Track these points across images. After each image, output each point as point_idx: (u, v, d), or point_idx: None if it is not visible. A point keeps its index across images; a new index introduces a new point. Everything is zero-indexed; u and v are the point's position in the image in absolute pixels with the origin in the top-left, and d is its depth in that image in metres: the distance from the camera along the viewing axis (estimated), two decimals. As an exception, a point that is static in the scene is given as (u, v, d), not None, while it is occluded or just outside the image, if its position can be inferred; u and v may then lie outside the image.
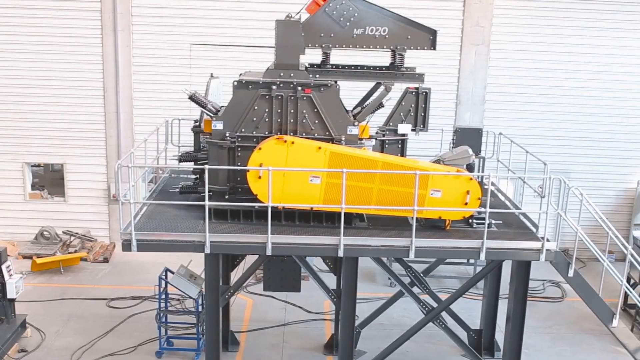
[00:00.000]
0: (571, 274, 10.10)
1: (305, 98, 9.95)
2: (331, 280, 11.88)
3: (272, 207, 9.51)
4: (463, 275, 17.14)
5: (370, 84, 11.12)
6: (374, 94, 11.03)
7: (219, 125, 9.99)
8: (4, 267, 12.78)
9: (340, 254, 9.64)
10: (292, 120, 10.02)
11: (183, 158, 11.32)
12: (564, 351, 13.62)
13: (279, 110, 9.99)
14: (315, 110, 10.00)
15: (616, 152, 18.63)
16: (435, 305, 11.59)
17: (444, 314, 11.55)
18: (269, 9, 16.46)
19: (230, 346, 13.11)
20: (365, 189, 9.74)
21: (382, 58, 10.84)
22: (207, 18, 17.73)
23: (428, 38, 10.23)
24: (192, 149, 11.51)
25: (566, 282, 10.36)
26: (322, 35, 10.04)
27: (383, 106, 10.61)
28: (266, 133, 10.03)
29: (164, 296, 12.76)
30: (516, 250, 9.90)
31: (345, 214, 9.63)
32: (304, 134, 10.04)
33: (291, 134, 10.00)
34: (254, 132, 10.03)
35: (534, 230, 10.43)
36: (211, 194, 9.85)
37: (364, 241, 9.73)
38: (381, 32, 10.09)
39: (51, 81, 17.90)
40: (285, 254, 10.43)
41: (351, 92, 11.55)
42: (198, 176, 11.24)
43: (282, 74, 9.89)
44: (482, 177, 10.55)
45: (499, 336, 12.73)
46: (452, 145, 12.35)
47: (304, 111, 10.00)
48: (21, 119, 18.06)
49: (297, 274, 11.71)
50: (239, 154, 10.04)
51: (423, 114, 10.72)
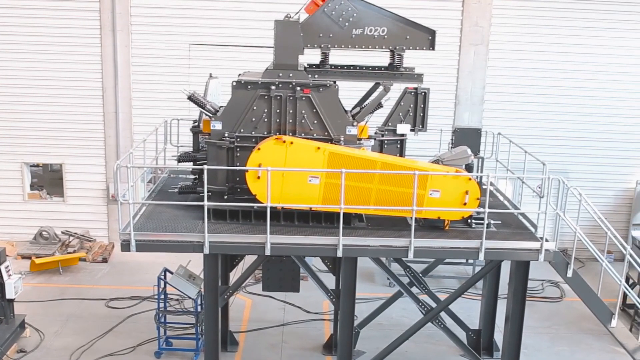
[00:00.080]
0: (570, 274, 10.11)
1: (304, 98, 9.94)
2: (330, 280, 11.86)
3: (271, 208, 9.51)
4: (462, 275, 17.14)
5: (369, 84, 11.11)
6: (372, 94, 11.01)
7: (217, 126, 9.99)
8: (2, 267, 12.76)
9: (339, 254, 9.64)
10: (291, 121, 10.01)
11: (182, 158, 11.32)
12: (562, 351, 13.62)
13: (278, 111, 9.98)
14: (314, 110, 9.99)
15: (615, 152, 18.64)
16: (434, 305, 11.59)
17: (442, 314, 11.56)
18: (267, 9, 16.45)
19: (229, 346, 13.10)
20: (364, 189, 9.73)
21: (381, 58, 10.84)
22: (206, 18, 17.72)
23: (427, 38, 10.22)
24: (191, 149, 11.50)
25: (565, 282, 10.36)
26: (321, 35, 10.04)
27: (382, 106, 10.59)
28: (265, 133, 10.03)
29: (162, 296, 12.74)
30: (515, 250, 9.91)
31: (344, 214, 9.63)
32: (302, 134, 10.03)
33: (290, 134, 9.99)
34: (253, 132, 10.03)
35: (532, 230, 10.43)
36: (210, 194, 9.85)
37: (363, 241, 9.73)
38: (380, 32, 10.09)
39: (50, 81, 17.88)
40: (284, 254, 10.43)
41: (350, 92, 11.53)
42: (197, 176, 11.23)
43: (281, 74, 9.88)
44: (481, 177, 10.56)
45: (498, 336, 12.73)
46: (451, 145, 12.36)
47: (303, 111, 9.99)
48: (20, 119, 18.05)
49: (296, 274, 11.72)
50: (238, 154, 10.03)
51: (422, 114, 10.72)
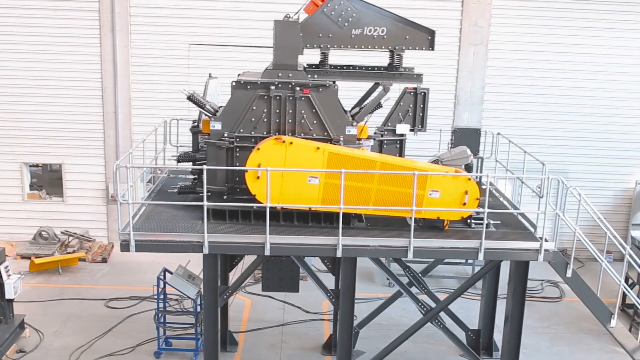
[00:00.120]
0: (569, 274, 10.11)
1: (303, 98, 9.94)
2: (329, 281, 11.87)
3: (270, 208, 9.51)
4: (461, 275, 17.14)
5: (368, 84, 11.10)
6: (372, 94, 11.01)
7: (217, 126, 9.98)
8: (2, 268, 12.75)
9: (339, 254, 9.64)
10: (290, 121, 10.01)
11: (181, 158, 11.33)
12: (562, 351, 13.62)
13: (278, 111, 9.98)
14: (314, 110, 9.99)
15: (614, 152, 18.64)
16: (433, 305, 11.60)
17: (442, 314, 11.56)
18: (267, 9, 16.44)
19: (229, 346, 13.10)
20: (364, 189, 9.73)
21: (381, 58, 10.84)
22: (205, 18, 17.71)
23: (426, 38, 10.22)
24: (191, 149, 11.51)
25: (564, 282, 10.36)
26: (321, 35, 10.03)
27: (381, 106, 10.59)
28: (264, 133, 10.02)
29: (162, 296, 12.74)
30: (514, 250, 9.91)
31: (344, 214, 9.63)
32: (302, 134, 10.02)
33: (289, 134, 9.99)
34: (253, 133, 10.02)
35: (532, 230, 10.43)
36: (209, 194, 9.85)
37: (363, 241, 9.73)
38: (379, 33, 10.09)
39: (49, 81, 17.87)
40: (284, 254, 10.42)
41: (349, 92, 11.53)
42: (196, 176, 11.22)
43: (280, 74, 9.88)
44: (481, 177, 10.56)
45: (497, 336, 12.74)
46: (450, 145, 12.35)
47: (303, 111, 9.99)
48: (19, 119, 18.03)
49: (295, 274, 11.72)
50: (238, 154, 10.03)
51: (421, 114, 10.71)
